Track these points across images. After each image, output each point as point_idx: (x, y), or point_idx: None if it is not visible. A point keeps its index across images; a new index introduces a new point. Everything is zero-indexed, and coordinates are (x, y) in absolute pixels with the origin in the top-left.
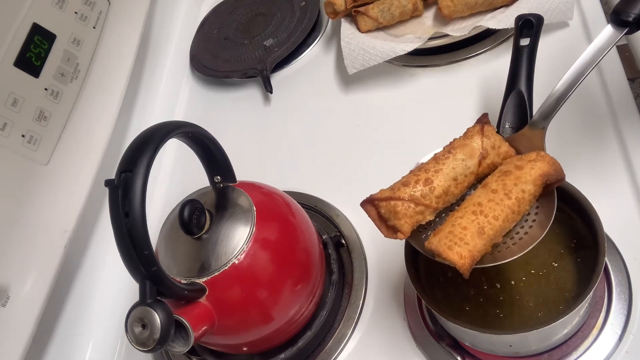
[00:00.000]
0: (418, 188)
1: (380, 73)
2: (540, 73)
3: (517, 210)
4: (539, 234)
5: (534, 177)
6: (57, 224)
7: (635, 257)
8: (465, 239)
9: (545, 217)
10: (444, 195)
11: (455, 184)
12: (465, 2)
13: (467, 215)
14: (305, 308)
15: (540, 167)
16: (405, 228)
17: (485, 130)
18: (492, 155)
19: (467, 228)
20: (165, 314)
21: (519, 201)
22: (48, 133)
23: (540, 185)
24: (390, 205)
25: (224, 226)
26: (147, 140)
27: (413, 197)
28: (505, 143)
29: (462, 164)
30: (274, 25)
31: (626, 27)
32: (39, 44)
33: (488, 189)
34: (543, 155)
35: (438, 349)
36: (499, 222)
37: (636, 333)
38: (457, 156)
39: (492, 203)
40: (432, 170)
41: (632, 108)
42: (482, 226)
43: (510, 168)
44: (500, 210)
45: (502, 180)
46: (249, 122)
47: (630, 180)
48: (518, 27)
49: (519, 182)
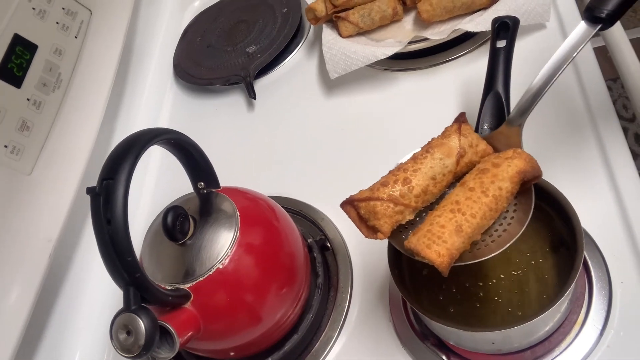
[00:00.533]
0: (397, 188)
1: (362, 77)
2: (518, 74)
3: (495, 207)
4: (517, 231)
5: (510, 175)
6: (41, 234)
7: (614, 253)
8: (444, 237)
9: (523, 214)
10: (423, 194)
11: (434, 183)
12: (444, 6)
13: (445, 213)
14: (291, 311)
15: (517, 164)
16: (385, 228)
17: (463, 129)
18: (469, 153)
19: (445, 226)
20: (149, 320)
21: (496, 199)
22: (31, 143)
23: (517, 183)
24: (369, 205)
25: (208, 232)
26: (129, 147)
27: (392, 197)
28: (482, 141)
29: (440, 163)
30: (256, 32)
31: (599, 23)
32: (20, 55)
33: (466, 187)
34: (520, 152)
35: (423, 349)
36: (477, 219)
37: (617, 327)
38: (435, 155)
39: (469, 201)
40: (410, 169)
41: (609, 107)
42: (460, 224)
43: (487, 166)
44: (477, 208)
45: (480, 178)
46: (233, 128)
47: (608, 177)
48: (495, 30)
49: (496, 180)
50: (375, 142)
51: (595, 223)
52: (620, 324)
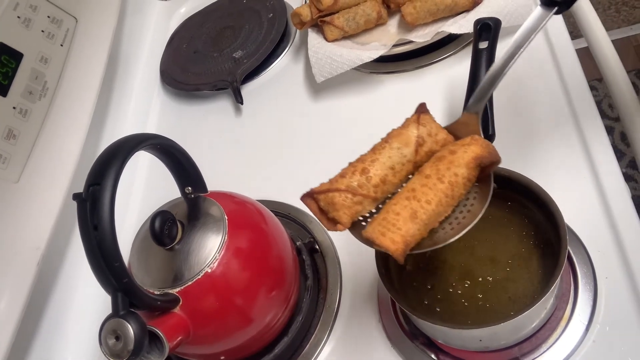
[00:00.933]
0: (355, 178)
1: (348, 80)
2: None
3: (451, 194)
4: (475, 217)
5: (466, 160)
6: (29, 242)
7: (599, 250)
8: (398, 224)
9: (482, 200)
10: (382, 184)
11: (393, 173)
12: (428, 9)
13: (400, 201)
14: (281, 314)
15: (474, 150)
16: (345, 219)
17: (422, 119)
18: (429, 142)
19: (400, 213)
20: (138, 325)
21: (452, 185)
22: (17, 151)
23: (474, 168)
24: (328, 197)
25: (196, 236)
26: (115, 153)
27: (350, 188)
28: (443, 130)
29: (398, 153)
30: (242, 37)
31: (555, 6)
32: (5, 63)
33: (422, 174)
34: (477, 138)
35: (413, 348)
36: (432, 206)
37: (602, 322)
38: (393, 145)
39: (425, 188)
40: (368, 160)
41: (591, 106)
42: (415, 210)
43: (444, 153)
44: (433, 194)
45: (436, 166)
46: (221, 133)
47: (591, 174)
48: (477, 31)
49: (452, 166)
50: (362, 145)
51: (579, 220)
52: (605, 319)
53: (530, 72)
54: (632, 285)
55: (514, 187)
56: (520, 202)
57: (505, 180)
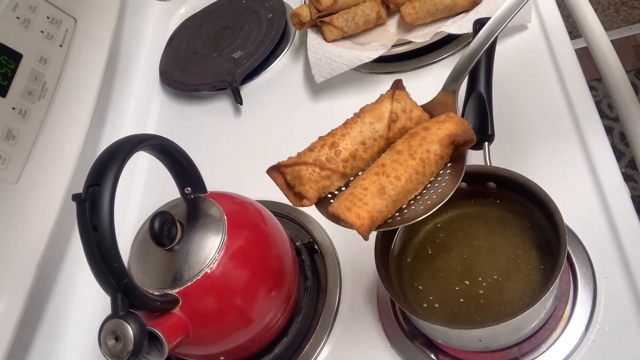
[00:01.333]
0: (323, 152)
1: (348, 81)
2: (500, 75)
3: (422, 171)
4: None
5: (440, 137)
6: (29, 242)
7: (599, 250)
8: (365, 199)
9: (455, 180)
10: (352, 159)
11: (364, 148)
12: (427, 9)
13: (369, 176)
14: (281, 314)
15: (448, 127)
16: (311, 194)
17: (397, 95)
18: (403, 119)
19: (368, 188)
20: (137, 325)
21: (423, 162)
22: (17, 152)
23: (447, 146)
24: (295, 170)
25: (196, 236)
26: (114, 153)
27: (318, 161)
28: (418, 108)
29: (369, 127)
30: (242, 37)
31: None
32: (5, 64)
33: (394, 150)
34: (452, 116)
35: (412, 348)
36: (402, 182)
37: (602, 322)
38: (365, 120)
39: (395, 164)
40: (339, 134)
41: (590, 105)
42: (383, 186)
43: (418, 130)
44: (403, 170)
45: (408, 142)
46: (220, 133)
47: (590, 174)
48: (476, 31)
49: (424, 143)
50: None
51: (578, 220)
52: (605, 319)
53: (529, 72)
54: (631, 285)
55: (514, 187)
56: (520, 202)
57: (505, 181)
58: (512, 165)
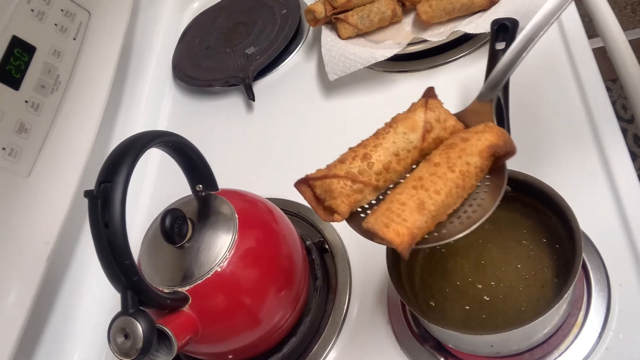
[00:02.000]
0: (355, 164)
1: (361, 79)
2: (517, 76)
3: (462, 184)
4: (487, 211)
5: (480, 149)
6: (39, 236)
7: (614, 255)
8: (404, 215)
9: (494, 194)
10: (385, 171)
11: (397, 160)
12: (443, 8)
13: (407, 190)
14: (290, 314)
15: (488, 138)
16: (342, 208)
17: (430, 104)
18: (437, 129)
19: (406, 204)
20: (147, 323)
21: (463, 175)
22: (29, 145)
23: (487, 158)
24: (325, 183)
25: (206, 234)
26: (127, 150)
27: (349, 174)
28: (452, 117)
29: (403, 138)
30: (255, 33)
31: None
32: (18, 57)
33: (431, 162)
34: (491, 126)
35: (422, 351)
36: (441, 196)
37: (615, 330)
38: (398, 130)
39: (434, 177)
40: (371, 145)
41: (607, 107)
42: (423, 201)
43: (455, 141)
44: (442, 184)
45: (446, 154)
46: (232, 130)
47: (607, 179)
48: (494, 32)
49: (464, 155)
50: None
51: (594, 225)
52: (619, 327)
53: (545, 73)
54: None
55: (529, 190)
56: (535, 206)
57: (520, 184)
58: (528, 168)
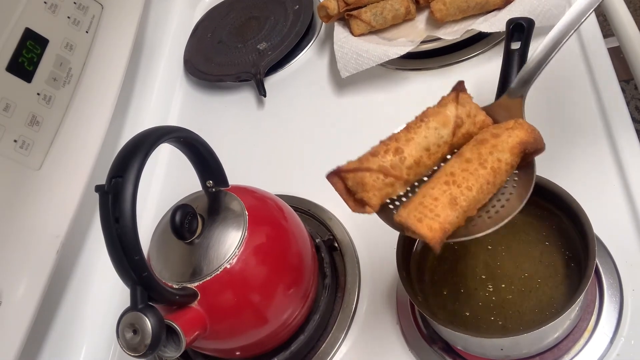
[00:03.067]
0: (387, 158)
1: (373, 76)
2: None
3: (493, 181)
4: (516, 207)
5: (511, 145)
6: (49, 229)
7: (627, 260)
8: (436, 210)
9: (523, 190)
10: (416, 166)
11: (428, 155)
12: (458, 6)
13: (438, 185)
14: (298, 312)
15: (518, 134)
16: (374, 201)
17: (461, 98)
18: (467, 124)
19: (439, 199)
20: (156, 319)
21: (494, 171)
22: (40, 138)
23: (517, 154)
24: (357, 176)
25: (216, 231)
26: (138, 145)
27: (382, 168)
28: (482, 112)
29: (435, 133)
30: (267, 28)
31: None
32: (31, 49)
33: (462, 158)
34: (521, 122)
35: (430, 353)
36: (473, 193)
37: (627, 336)
38: (429, 125)
39: (465, 173)
40: (403, 139)
41: (622, 109)
42: (455, 197)
43: (486, 136)
44: (474, 180)
45: (477, 149)
46: (242, 125)
47: (621, 183)
48: (509, 31)
49: (495, 151)
50: None
51: (607, 229)
52: (630, 333)
53: (560, 73)
54: None
55: (543, 194)
56: (549, 210)
57: (534, 187)
58: (540, 170)
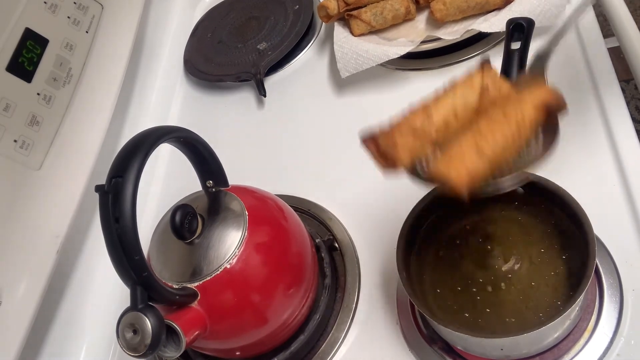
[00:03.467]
0: (417, 121)
1: (373, 76)
2: None
3: (518, 133)
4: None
5: (534, 103)
6: (49, 229)
7: (627, 260)
8: (463, 158)
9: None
10: (444, 128)
11: (455, 118)
12: (458, 6)
13: (465, 139)
14: (298, 312)
15: (541, 94)
16: (405, 160)
17: (486, 70)
18: (493, 92)
19: (466, 149)
20: (156, 319)
21: (519, 126)
22: (40, 138)
23: (541, 111)
24: (389, 138)
25: (216, 231)
26: (138, 145)
27: (412, 130)
28: (506, 83)
29: (462, 99)
30: (267, 28)
31: None
32: (31, 49)
33: (488, 115)
34: (544, 85)
35: (430, 353)
36: (498, 142)
37: (627, 336)
38: (457, 92)
39: (491, 125)
40: (432, 104)
41: (622, 109)
42: (481, 147)
43: (510, 97)
44: (500, 134)
45: (502, 108)
46: (242, 125)
47: (621, 182)
48: (509, 31)
49: (519, 108)
50: None
51: (607, 229)
52: (630, 332)
53: (560, 72)
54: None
55: (542, 192)
56: (547, 209)
57: (533, 186)
58: (540, 170)
